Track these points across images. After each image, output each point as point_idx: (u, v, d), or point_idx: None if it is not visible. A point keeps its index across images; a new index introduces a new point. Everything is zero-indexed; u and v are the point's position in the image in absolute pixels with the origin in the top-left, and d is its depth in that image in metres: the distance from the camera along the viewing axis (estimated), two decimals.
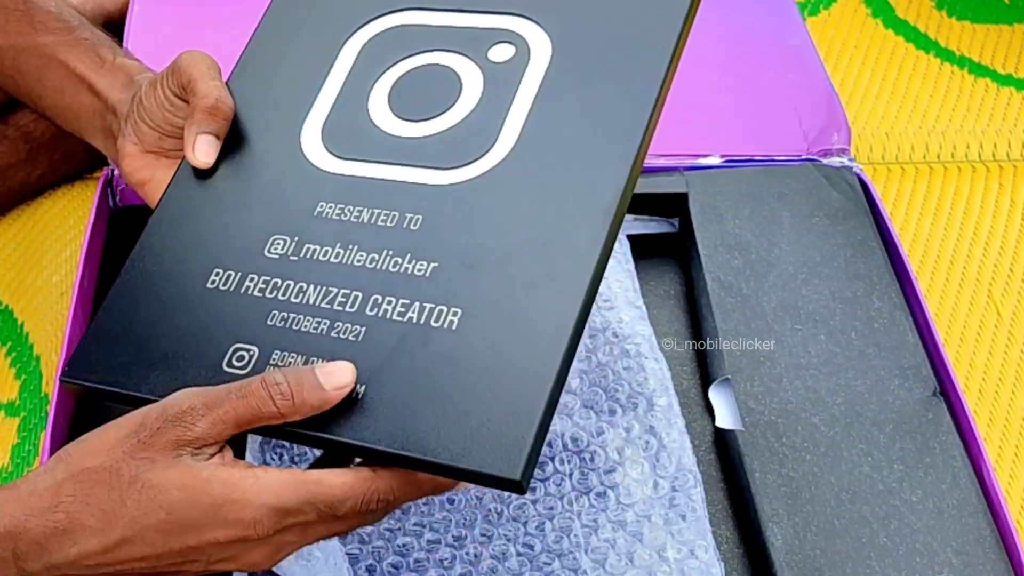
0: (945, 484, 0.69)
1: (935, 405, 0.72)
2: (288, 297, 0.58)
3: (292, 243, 0.60)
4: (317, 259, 0.59)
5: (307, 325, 0.57)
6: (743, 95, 0.89)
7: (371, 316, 0.56)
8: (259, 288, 0.59)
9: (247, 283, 0.59)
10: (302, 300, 0.58)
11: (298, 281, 0.58)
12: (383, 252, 0.58)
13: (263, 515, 0.50)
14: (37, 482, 0.52)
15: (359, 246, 0.59)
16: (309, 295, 0.58)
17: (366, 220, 0.59)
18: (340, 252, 0.59)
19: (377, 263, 0.58)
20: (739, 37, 0.93)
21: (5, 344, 0.88)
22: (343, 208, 0.60)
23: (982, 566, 0.65)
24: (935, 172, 0.99)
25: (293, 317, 0.57)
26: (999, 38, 1.12)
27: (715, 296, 0.77)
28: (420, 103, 0.63)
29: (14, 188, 0.95)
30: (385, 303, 0.56)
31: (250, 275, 0.59)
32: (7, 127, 0.94)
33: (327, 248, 0.59)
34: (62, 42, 0.73)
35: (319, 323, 0.56)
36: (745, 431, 0.70)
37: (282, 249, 0.60)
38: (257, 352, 0.56)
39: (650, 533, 0.67)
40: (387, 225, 0.59)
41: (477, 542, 0.67)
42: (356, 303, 0.57)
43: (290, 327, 0.57)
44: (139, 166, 0.68)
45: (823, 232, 0.81)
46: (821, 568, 0.65)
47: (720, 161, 0.85)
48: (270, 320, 0.57)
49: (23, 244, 0.94)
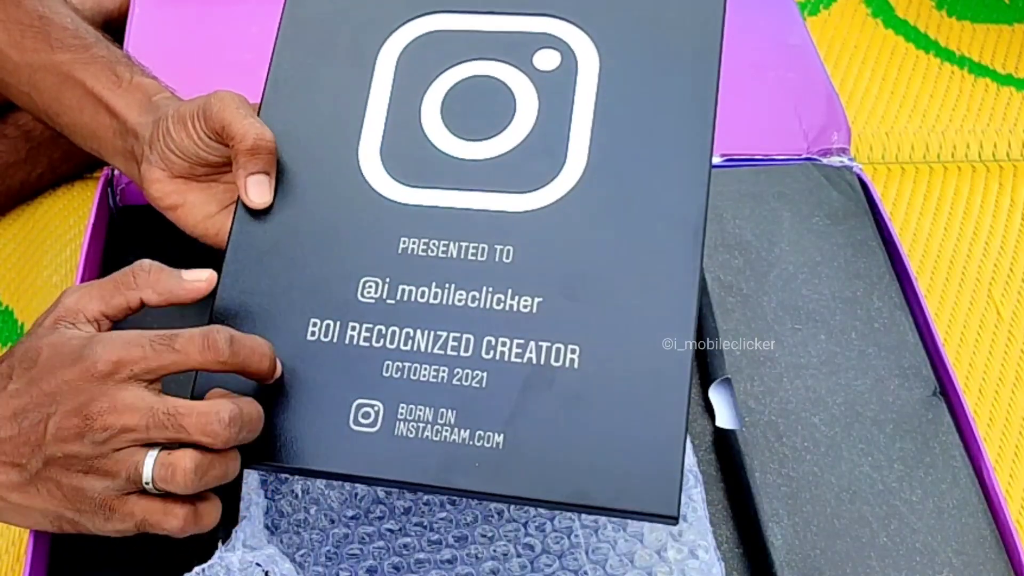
0: (945, 484, 0.69)
1: (935, 405, 0.72)
2: (398, 345, 0.57)
3: (385, 285, 0.59)
4: (416, 300, 0.58)
5: (426, 374, 0.56)
6: (743, 95, 0.89)
7: (488, 360, 0.56)
8: (364, 337, 0.58)
9: (350, 332, 0.58)
10: (413, 347, 0.57)
11: (403, 327, 0.57)
12: (483, 289, 0.57)
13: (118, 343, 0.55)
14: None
15: (456, 284, 0.58)
16: (419, 341, 0.57)
17: (455, 255, 0.58)
18: (438, 292, 0.58)
19: (479, 302, 0.57)
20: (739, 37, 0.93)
21: (5, 344, 0.88)
22: (427, 243, 0.59)
23: (982, 566, 0.65)
24: (935, 172, 1.00)
25: (409, 367, 0.57)
26: (999, 38, 1.12)
27: (715, 296, 0.77)
28: (476, 120, 0.62)
29: (14, 187, 0.95)
30: (500, 344, 0.56)
31: (351, 323, 0.58)
32: (7, 126, 0.94)
33: (423, 288, 0.58)
34: (79, 60, 0.73)
35: (438, 371, 0.56)
36: (745, 431, 0.70)
37: (376, 292, 0.59)
38: (382, 407, 0.56)
39: (650, 533, 0.67)
40: (479, 259, 0.58)
41: (478, 543, 0.67)
42: (471, 347, 0.56)
43: (408, 377, 0.56)
44: (169, 191, 0.68)
45: (823, 232, 0.81)
46: (821, 568, 0.65)
47: (720, 161, 0.85)
48: (385, 371, 0.57)
49: (23, 244, 0.94)
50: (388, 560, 0.66)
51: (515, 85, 0.62)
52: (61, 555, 0.67)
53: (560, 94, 0.61)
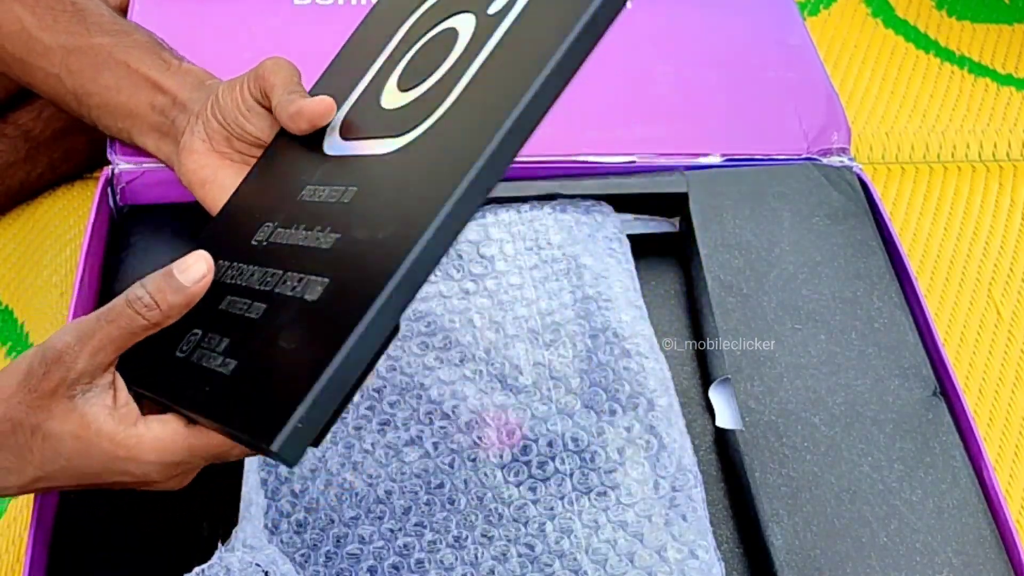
0: (945, 484, 0.69)
1: (935, 405, 0.72)
2: (235, 281, 0.58)
3: (272, 230, 0.60)
4: (275, 242, 0.59)
5: (237, 307, 0.57)
6: (743, 95, 0.89)
7: (277, 295, 0.56)
8: (228, 275, 0.59)
9: (224, 271, 0.60)
10: (241, 282, 0.58)
11: (250, 265, 0.59)
12: (314, 229, 0.58)
13: (151, 469, 0.54)
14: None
15: (304, 224, 0.58)
16: (248, 276, 0.58)
17: (322, 199, 0.60)
18: (290, 234, 0.59)
19: (307, 240, 0.57)
20: (739, 37, 0.93)
21: (5, 344, 0.88)
22: (315, 189, 0.60)
23: (982, 566, 0.65)
24: (935, 172, 1.00)
25: (232, 300, 0.57)
26: (999, 38, 1.12)
27: (715, 296, 0.77)
28: (418, 70, 0.62)
29: (14, 187, 0.95)
30: (287, 279, 0.56)
31: (224, 262, 0.60)
32: (7, 125, 0.94)
33: (288, 231, 0.59)
34: (120, 44, 0.74)
35: (244, 304, 0.56)
36: (745, 431, 0.70)
37: (263, 236, 0.60)
38: (200, 334, 0.57)
39: (650, 533, 0.67)
40: (330, 200, 0.59)
41: (478, 543, 0.67)
42: (271, 282, 0.57)
43: (228, 309, 0.57)
44: (203, 164, 0.69)
45: (823, 232, 0.81)
46: (821, 568, 0.65)
47: (720, 161, 0.85)
48: (222, 304, 0.58)
49: (23, 244, 0.94)
50: (388, 560, 0.66)
51: (463, 31, 0.61)
52: (61, 555, 0.67)
53: (482, 40, 0.59)
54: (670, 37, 0.92)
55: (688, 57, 0.91)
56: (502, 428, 0.70)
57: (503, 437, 0.70)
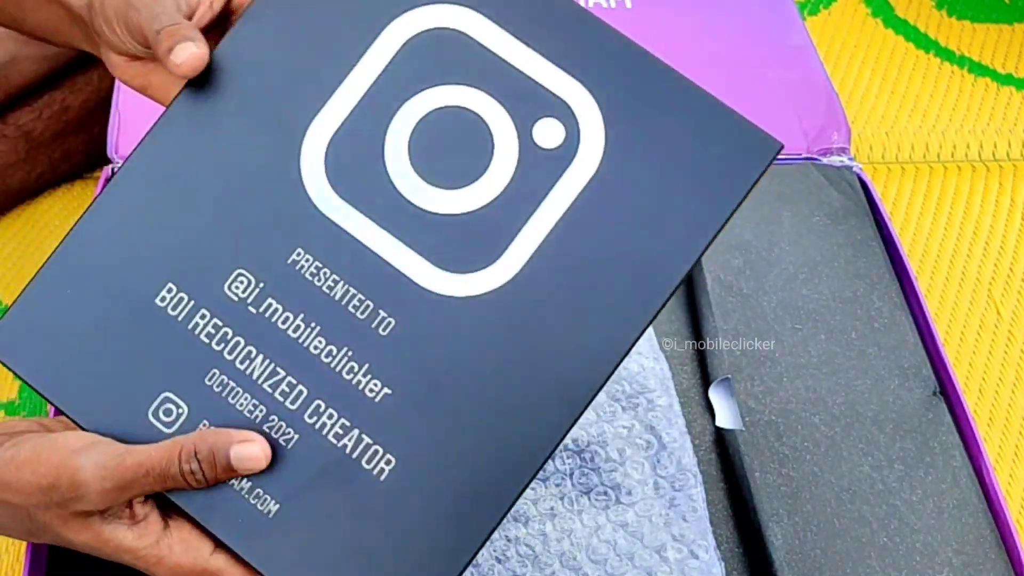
0: (945, 484, 0.69)
1: (935, 405, 0.72)
2: (234, 359, 0.53)
3: (256, 289, 0.53)
4: (276, 323, 0.53)
5: (243, 403, 0.52)
6: (743, 95, 0.89)
7: (308, 424, 0.52)
8: (208, 332, 0.53)
9: (197, 319, 0.53)
10: (246, 369, 0.53)
11: (248, 343, 0.53)
12: (343, 350, 0.53)
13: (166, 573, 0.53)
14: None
15: (321, 328, 0.53)
16: (255, 367, 0.53)
17: (338, 297, 0.53)
18: (300, 327, 0.53)
19: (333, 360, 0.53)
20: (739, 37, 0.93)
21: None
22: (320, 268, 0.53)
23: (982, 566, 0.65)
24: (935, 172, 1.00)
25: (232, 388, 0.53)
26: (999, 38, 1.12)
27: (715, 296, 0.77)
28: (444, 162, 0.54)
29: (14, 187, 0.95)
30: (326, 416, 0.52)
31: (203, 310, 0.53)
32: (6, 126, 0.94)
33: (288, 315, 0.53)
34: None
35: (256, 407, 0.52)
36: (745, 431, 0.70)
37: (243, 292, 0.53)
38: (187, 413, 0.52)
39: (650, 533, 0.67)
40: (357, 315, 0.53)
41: None
42: (299, 401, 0.52)
43: (226, 397, 0.52)
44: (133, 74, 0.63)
45: (823, 232, 0.81)
46: (821, 568, 0.65)
47: None
48: (209, 379, 0.53)
49: (23, 244, 0.94)
50: None
51: (500, 139, 0.55)
52: (61, 555, 0.67)
53: (542, 176, 0.54)
54: (670, 37, 0.92)
55: (688, 57, 0.91)
56: None
57: None
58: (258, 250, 0.54)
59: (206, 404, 0.52)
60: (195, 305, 0.53)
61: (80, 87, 0.97)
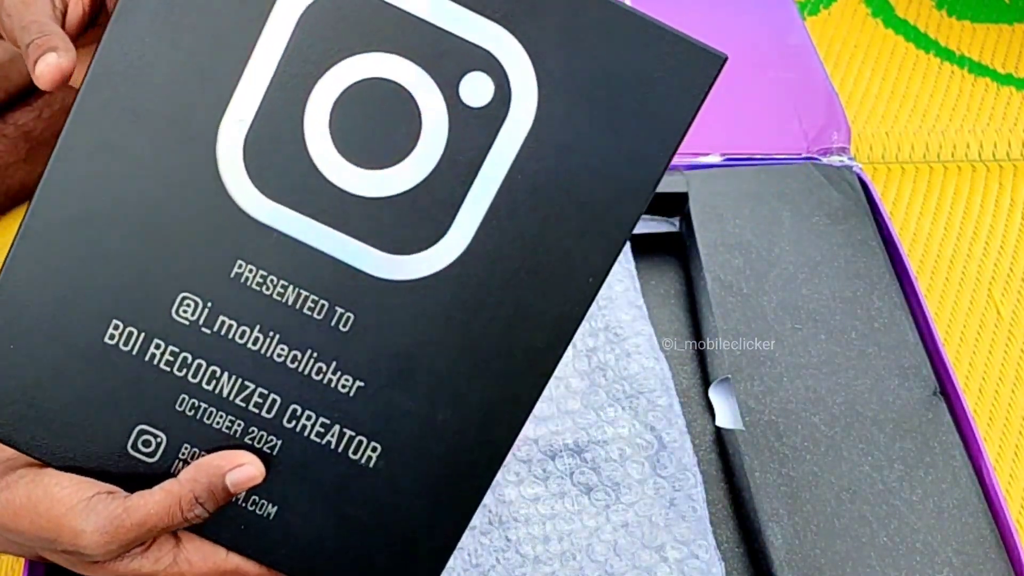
0: (945, 484, 0.69)
1: (935, 405, 0.72)
2: (200, 381, 0.52)
3: (204, 310, 0.52)
4: (233, 339, 0.52)
5: (219, 422, 0.52)
6: (743, 95, 0.89)
7: (288, 429, 0.52)
8: (167, 360, 0.52)
9: (152, 349, 0.52)
10: (215, 389, 0.52)
11: (211, 364, 0.52)
12: (307, 352, 0.52)
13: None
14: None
15: (281, 336, 0.52)
16: (223, 385, 0.52)
17: (291, 302, 0.52)
18: (259, 338, 0.52)
19: (299, 364, 0.52)
20: (739, 37, 0.93)
21: None
22: (266, 277, 0.51)
23: (982, 566, 0.65)
24: (935, 172, 1.00)
25: (205, 408, 0.52)
26: (999, 38, 1.12)
27: (715, 296, 0.77)
28: (370, 141, 0.51)
29: (13, 187, 0.95)
30: (304, 417, 0.52)
31: (156, 340, 0.52)
32: (6, 125, 0.94)
33: (244, 329, 0.52)
34: None
35: (233, 423, 0.52)
36: (745, 431, 0.70)
37: (192, 315, 0.52)
38: (165, 441, 0.52)
39: (650, 533, 0.67)
40: (314, 316, 0.52)
41: (478, 543, 0.67)
42: (274, 409, 0.52)
43: (201, 419, 0.52)
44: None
45: (823, 232, 0.81)
46: (821, 568, 0.65)
47: (720, 160, 0.85)
48: (179, 405, 0.52)
49: None
50: None
51: (426, 108, 0.51)
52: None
53: (476, 138, 0.51)
54: None
55: None
56: None
57: None
58: (197, 270, 0.51)
59: (182, 429, 0.52)
60: (146, 337, 0.52)
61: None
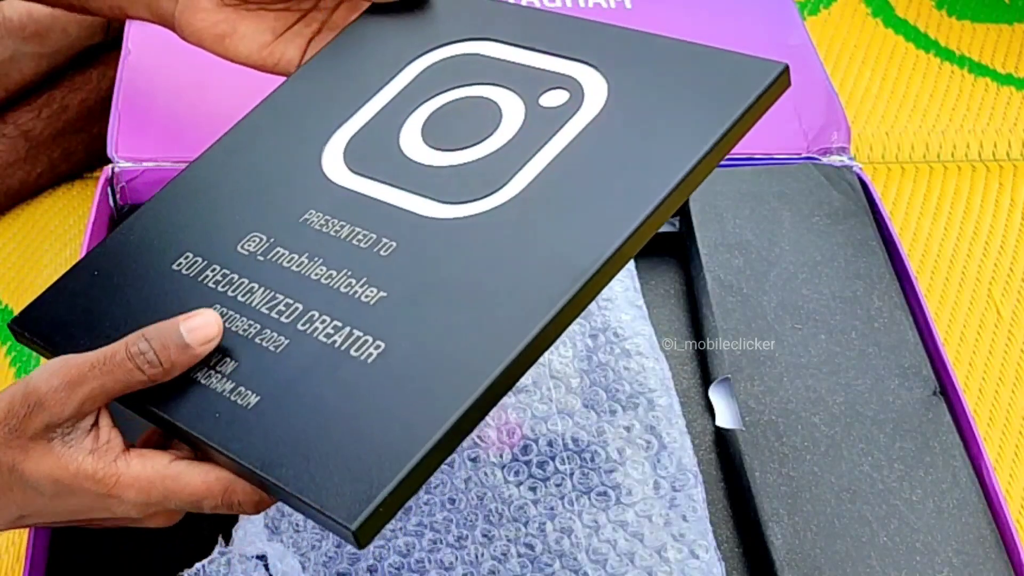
0: (945, 484, 0.69)
1: (935, 405, 0.72)
2: (236, 295, 0.57)
3: (266, 243, 0.59)
4: (280, 264, 0.58)
5: (239, 325, 0.55)
6: None
7: (300, 331, 0.54)
8: (216, 280, 0.58)
9: (208, 272, 0.58)
10: (247, 300, 0.56)
11: (251, 281, 0.57)
12: (342, 271, 0.56)
13: (130, 508, 0.52)
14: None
15: (324, 260, 0.57)
16: (255, 297, 0.56)
17: (344, 236, 0.58)
18: (304, 262, 0.57)
19: (332, 281, 0.56)
20: (739, 37, 0.93)
21: (5, 344, 0.88)
22: (328, 220, 0.59)
23: (982, 566, 0.65)
24: (935, 172, 1.00)
25: (231, 315, 0.56)
26: (999, 38, 1.12)
27: (715, 296, 0.77)
28: (452, 133, 0.61)
29: (14, 187, 0.95)
30: (319, 321, 0.55)
31: (213, 265, 0.58)
32: (6, 125, 0.94)
33: (294, 256, 0.58)
34: None
35: (250, 326, 0.55)
36: (745, 431, 0.70)
37: (254, 247, 0.59)
38: None
39: (651, 533, 0.67)
40: (359, 246, 0.57)
41: (478, 543, 0.67)
42: (292, 315, 0.55)
43: (225, 325, 0.55)
44: (217, 19, 0.65)
45: (823, 232, 0.81)
46: (821, 568, 0.65)
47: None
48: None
49: (23, 244, 0.94)
50: (388, 560, 0.66)
51: (507, 109, 0.61)
52: (61, 554, 0.67)
53: (546, 126, 0.60)
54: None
55: None
56: (502, 428, 0.70)
57: (503, 437, 0.70)
58: (272, 215, 0.60)
59: None
60: (207, 263, 0.59)
61: (79, 86, 0.97)
